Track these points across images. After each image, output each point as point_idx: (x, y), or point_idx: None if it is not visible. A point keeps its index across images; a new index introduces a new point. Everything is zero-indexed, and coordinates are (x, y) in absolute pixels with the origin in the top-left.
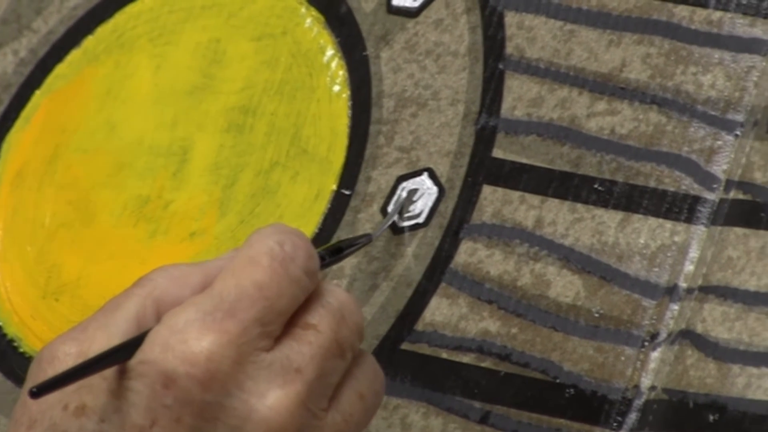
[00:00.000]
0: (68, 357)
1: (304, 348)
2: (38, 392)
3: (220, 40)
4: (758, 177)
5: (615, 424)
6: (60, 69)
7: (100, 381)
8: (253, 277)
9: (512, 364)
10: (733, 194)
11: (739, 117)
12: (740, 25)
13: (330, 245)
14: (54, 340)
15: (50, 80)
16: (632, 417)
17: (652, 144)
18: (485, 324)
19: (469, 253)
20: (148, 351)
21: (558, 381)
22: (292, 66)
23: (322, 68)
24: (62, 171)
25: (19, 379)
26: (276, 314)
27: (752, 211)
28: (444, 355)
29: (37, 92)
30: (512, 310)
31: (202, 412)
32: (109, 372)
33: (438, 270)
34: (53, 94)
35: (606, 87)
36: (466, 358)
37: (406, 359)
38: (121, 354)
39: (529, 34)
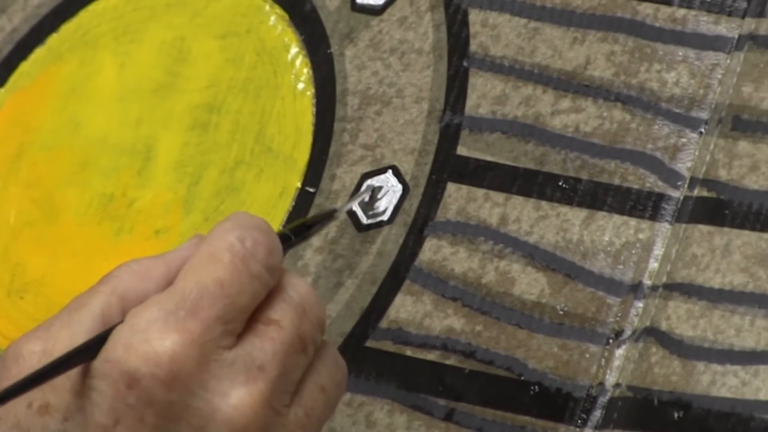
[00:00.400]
0: (33, 355)
1: (267, 344)
2: (2, 398)
3: (185, 38)
4: (722, 174)
5: (579, 421)
6: (24, 67)
7: (64, 380)
8: (214, 274)
9: (477, 361)
10: (697, 192)
11: (704, 114)
12: (704, 23)
13: (296, 223)
14: (19, 339)
15: (14, 78)
16: (597, 414)
17: (617, 141)
18: (450, 321)
19: (433, 251)
20: (111, 350)
21: (523, 378)
22: (256, 64)
23: (287, 66)
24: (26, 169)
25: None
26: (237, 311)
27: (716, 209)
28: (408, 352)
29: (2, 90)
30: (477, 307)
31: (166, 411)
32: (73, 371)
33: (402, 267)
34: (17, 92)
35: (570, 85)
36: (431, 356)
37: (370, 357)
38: (85, 353)
39: (494, 32)
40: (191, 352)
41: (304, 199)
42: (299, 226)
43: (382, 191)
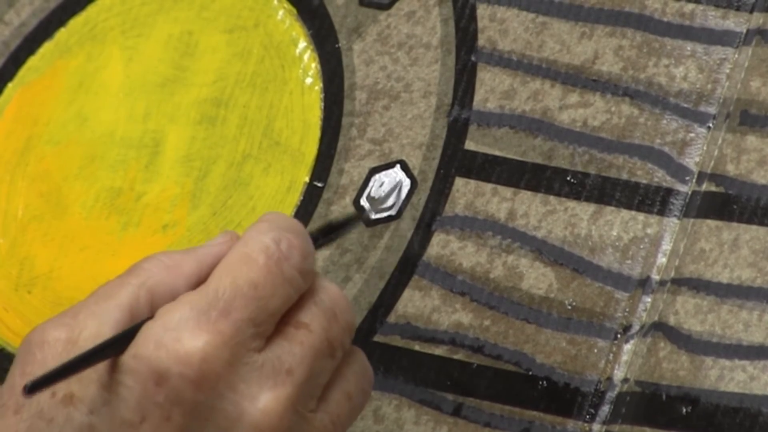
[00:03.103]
0: (58, 343)
1: (296, 348)
2: (32, 389)
3: (192, 32)
4: (730, 169)
5: (588, 416)
6: (32, 61)
7: (90, 372)
8: (249, 275)
9: (485, 356)
10: (705, 186)
11: (712, 109)
12: (712, 17)
13: (322, 227)
14: (44, 323)
15: (22, 72)
16: (605, 409)
17: (625, 136)
18: (458, 316)
19: (441, 245)
20: (141, 346)
21: (531, 373)
22: (264, 58)
23: (295, 60)
24: (34, 163)
25: None
26: (269, 314)
27: (724, 204)
28: (416, 347)
29: (10, 84)
30: (485, 302)
31: (193, 412)
32: (101, 363)
33: (410, 262)
34: (25, 87)
35: (578, 79)
36: (439, 351)
37: (378, 351)
38: (114, 348)
39: (501, 27)
40: (222, 354)
41: (311, 194)
42: (325, 228)
43: (391, 186)
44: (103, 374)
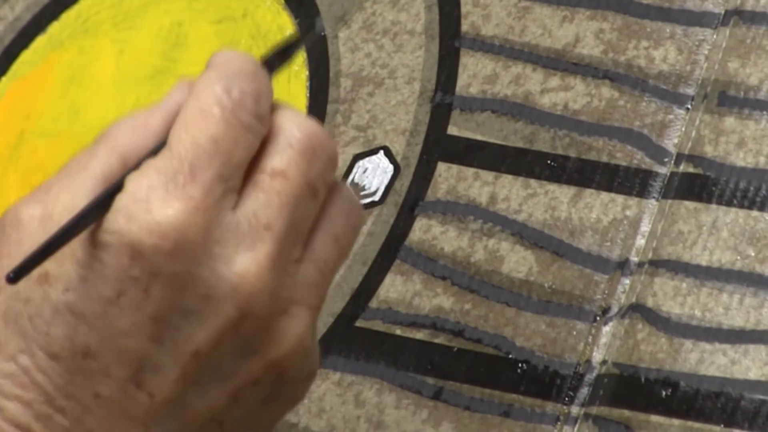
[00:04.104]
0: (33, 220)
1: (273, 199)
2: (15, 276)
3: (182, 23)
4: (708, 150)
5: (567, 398)
6: (25, 55)
7: (65, 249)
8: (207, 131)
9: (465, 340)
10: (683, 168)
11: (690, 91)
12: None
13: (276, 49)
14: (16, 203)
15: (16, 67)
16: (584, 391)
17: (605, 119)
18: (439, 300)
19: (423, 230)
20: (112, 221)
21: (510, 356)
22: (252, 48)
23: None
24: (27, 156)
25: None
26: (235, 167)
27: (703, 185)
28: (398, 331)
29: (3, 79)
30: (466, 286)
31: (170, 283)
32: (73, 241)
33: (393, 247)
34: (19, 81)
35: (559, 63)
36: (420, 335)
37: (360, 336)
38: (91, 216)
39: (485, 12)
40: (195, 220)
41: None
42: (281, 50)
43: (374, 172)
44: (77, 251)
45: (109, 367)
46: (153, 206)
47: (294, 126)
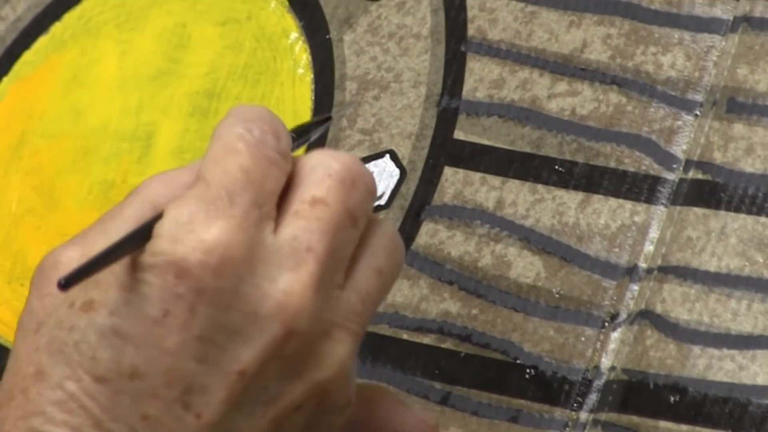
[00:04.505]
0: (72, 261)
1: (313, 225)
2: (67, 283)
3: (186, 24)
4: (717, 157)
5: (575, 404)
6: (27, 56)
7: (107, 276)
8: (236, 162)
9: (473, 345)
10: (692, 174)
11: (699, 97)
12: (699, 5)
13: (295, 127)
14: (53, 250)
15: (17, 67)
16: (592, 398)
17: (612, 124)
18: (446, 305)
19: (430, 235)
20: (156, 244)
21: (518, 362)
22: (256, 50)
23: (286, 52)
24: (28, 157)
25: None
26: (267, 195)
27: (711, 192)
28: (405, 336)
29: (5, 79)
30: (473, 291)
31: (216, 300)
32: (116, 267)
33: None
34: (20, 81)
35: (567, 68)
36: (427, 339)
37: (367, 340)
38: (138, 239)
39: (491, 16)
40: (239, 237)
41: None
42: (299, 129)
43: (380, 176)
44: (120, 276)
45: (156, 387)
46: (196, 227)
47: (331, 159)
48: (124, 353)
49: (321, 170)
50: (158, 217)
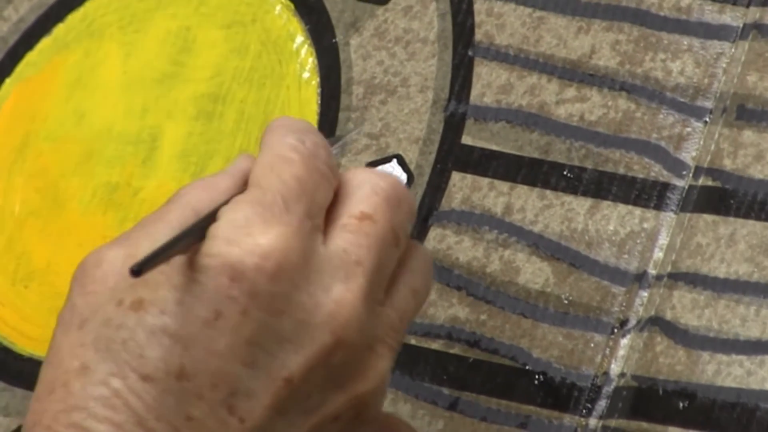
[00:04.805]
0: (117, 259)
1: (362, 240)
2: (140, 269)
3: (190, 27)
4: (727, 164)
5: (584, 410)
6: (30, 57)
7: (157, 275)
8: (291, 171)
9: (481, 350)
10: (702, 181)
11: (708, 104)
12: (709, 12)
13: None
14: (96, 249)
15: (20, 68)
16: (601, 404)
17: (621, 131)
18: (454, 310)
19: (438, 240)
20: (211, 246)
21: (527, 368)
22: (261, 53)
23: (292, 55)
24: (31, 159)
25: None
26: (318, 207)
27: (721, 198)
28: (413, 341)
29: (8, 80)
30: (481, 296)
31: (269, 305)
32: (168, 267)
33: None
34: (23, 82)
35: (575, 74)
36: (435, 345)
37: None
38: (188, 240)
39: (499, 21)
40: (295, 244)
41: None
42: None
43: None
44: (172, 276)
45: (203, 389)
46: (253, 230)
47: (378, 178)
48: (172, 353)
49: (368, 187)
50: (211, 217)
